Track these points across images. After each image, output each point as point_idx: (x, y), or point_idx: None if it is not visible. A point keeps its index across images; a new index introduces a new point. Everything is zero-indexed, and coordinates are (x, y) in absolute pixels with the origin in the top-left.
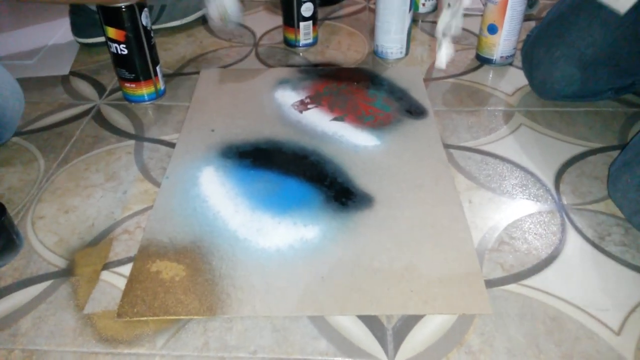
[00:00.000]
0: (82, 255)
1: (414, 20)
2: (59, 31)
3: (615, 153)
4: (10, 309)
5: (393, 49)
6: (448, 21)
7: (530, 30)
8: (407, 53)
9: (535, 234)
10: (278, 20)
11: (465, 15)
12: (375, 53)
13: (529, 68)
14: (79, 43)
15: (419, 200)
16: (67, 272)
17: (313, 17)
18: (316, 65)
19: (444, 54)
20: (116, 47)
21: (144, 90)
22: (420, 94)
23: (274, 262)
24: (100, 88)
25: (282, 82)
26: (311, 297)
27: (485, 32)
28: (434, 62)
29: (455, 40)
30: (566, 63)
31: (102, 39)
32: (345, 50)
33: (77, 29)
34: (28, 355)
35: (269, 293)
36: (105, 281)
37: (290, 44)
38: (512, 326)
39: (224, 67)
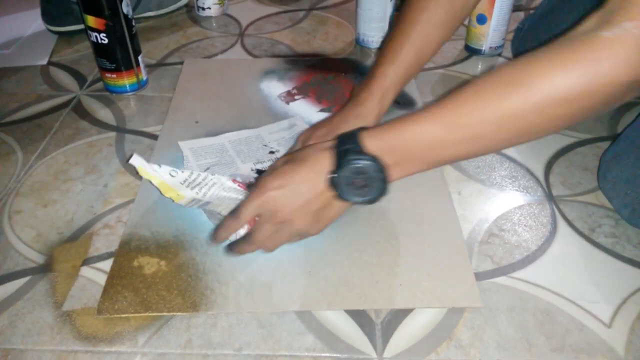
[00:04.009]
0: (61, 250)
1: (396, 9)
2: (36, 20)
3: (604, 144)
4: None
5: (374, 37)
6: None
7: (521, 22)
8: None
9: (525, 226)
10: (265, 10)
11: None
12: (356, 41)
13: None
14: (51, 31)
15: (408, 192)
16: (45, 268)
17: None
18: (303, 55)
19: None
20: (96, 36)
21: (126, 80)
22: (408, 85)
23: (259, 256)
24: (80, 78)
25: (268, 73)
26: (298, 292)
27: (474, 22)
28: None
29: None
30: None
31: (75, 27)
32: (332, 40)
33: (49, 17)
34: (3, 354)
35: (255, 288)
36: (84, 277)
37: None
38: (502, 319)
39: (209, 57)
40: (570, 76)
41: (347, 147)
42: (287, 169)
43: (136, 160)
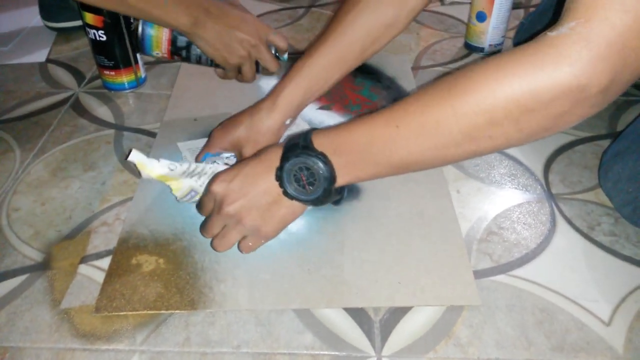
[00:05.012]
0: (59, 248)
1: None
2: (35, 17)
3: (604, 142)
4: None
5: None
6: None
7: (524, 17)
8: None
9: (524, 224)
10: (264, 7)
11: (454, 3)
12: None
13: None
14: (48, 27)
15: (407, 190)
16: (43, 266)
17: None
18: (302, 53)
19: None
20: (94, 34)
21: (124, 78)
22: (408, 82)
23: (258, 254)
24: (79, 76)
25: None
26: (297, 290)
27: (474, 20)
28: (422, 51)
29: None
30: None
31: (72, 23)
32: None
33: (46, 13)
34: (2, 352)
35: (253, 286)
36: (83, 275)
37: None
38: (501, 318)
39: None
40: (514, 77)
41: (295, 142)
42: (241, 163)
43: (135, 156)
